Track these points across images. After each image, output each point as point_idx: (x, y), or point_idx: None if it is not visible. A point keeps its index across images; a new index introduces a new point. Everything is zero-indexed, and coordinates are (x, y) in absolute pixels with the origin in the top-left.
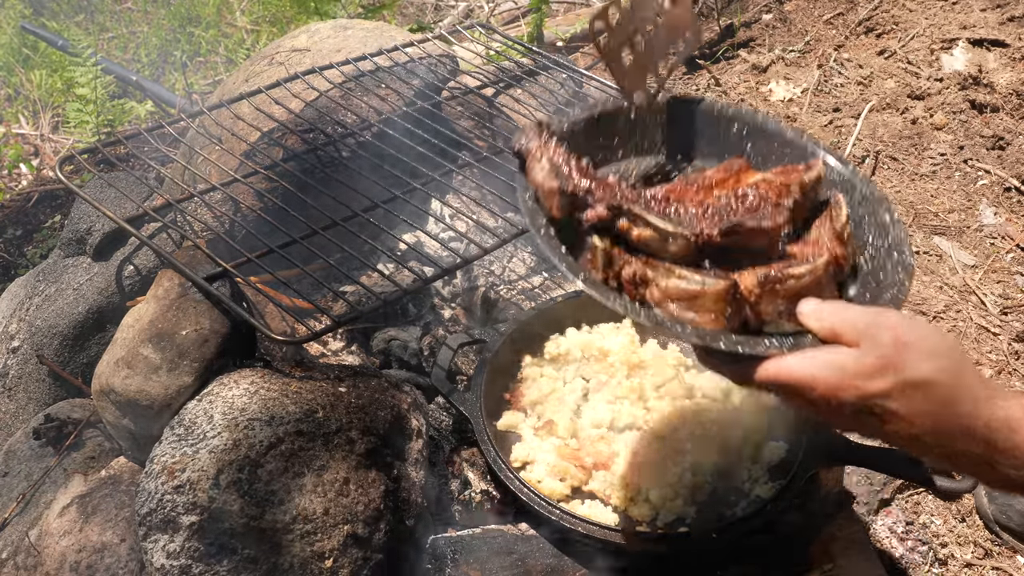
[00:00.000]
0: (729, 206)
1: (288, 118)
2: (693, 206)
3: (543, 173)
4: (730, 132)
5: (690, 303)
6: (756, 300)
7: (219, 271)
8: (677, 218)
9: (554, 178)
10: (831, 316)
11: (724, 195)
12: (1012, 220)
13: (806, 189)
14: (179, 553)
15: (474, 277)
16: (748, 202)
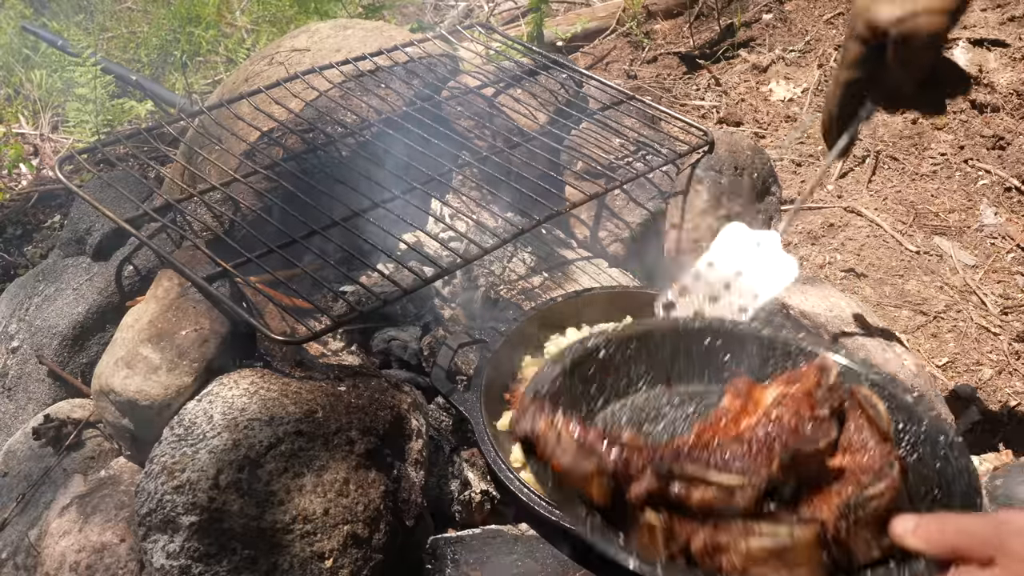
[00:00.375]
0: (772, 435)
1: (288, 118)
2: (734, 445)
3: (569, 455)
4: (703, 346)
5: (780, 560)
6: (843, 536)
7: (219, 271)
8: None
9: (586, 458)
10: (943, 536)
11: (757, 426)
12: (1012, 220)
13: (835, 393)
14: (179, 553)
15: (474, 277)
16: (786, 424)
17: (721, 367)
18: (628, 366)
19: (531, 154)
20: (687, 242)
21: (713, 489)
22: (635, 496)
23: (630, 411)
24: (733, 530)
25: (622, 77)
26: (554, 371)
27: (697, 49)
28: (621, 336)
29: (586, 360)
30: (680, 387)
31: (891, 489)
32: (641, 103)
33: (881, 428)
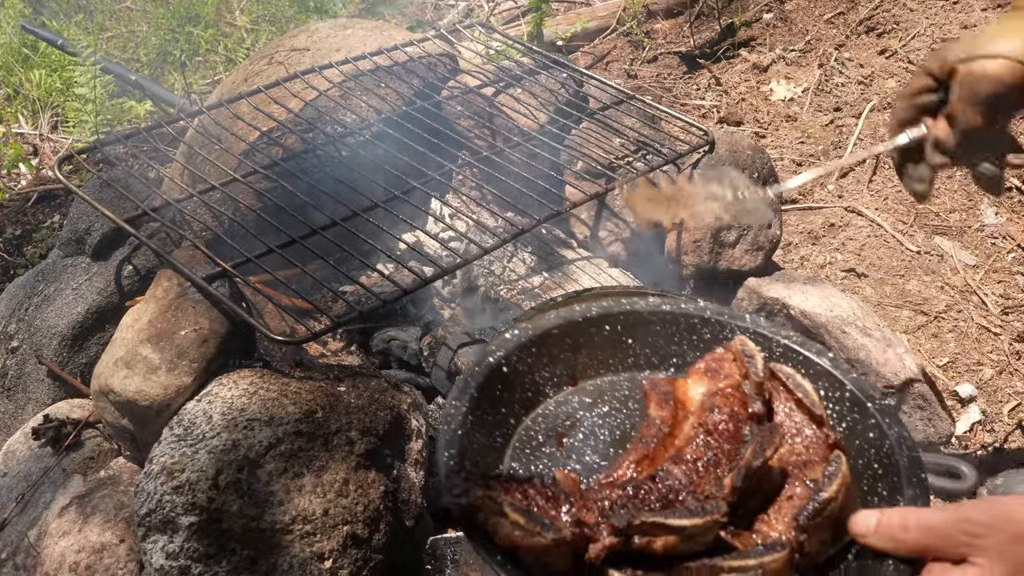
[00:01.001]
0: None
1: (288, 118)
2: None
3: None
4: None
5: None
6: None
7: (218, 271)
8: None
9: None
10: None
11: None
12: (1013, 220)
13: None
14: (178, 554)
15: (474, 277)
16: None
17: (625, 352)
18: (532, 374)
19: (531, 154)
20: (687, 242)
21: (675, 536)
22: (596, 558)
23: (545, 423)
24: (701, 571)
25: (622, 77)
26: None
27: (697, 49)
28: (519, 343)
29: (491, 382)
30: (587, 383)
31: (843, 487)
32: (641, 103)
33: (814, 412)
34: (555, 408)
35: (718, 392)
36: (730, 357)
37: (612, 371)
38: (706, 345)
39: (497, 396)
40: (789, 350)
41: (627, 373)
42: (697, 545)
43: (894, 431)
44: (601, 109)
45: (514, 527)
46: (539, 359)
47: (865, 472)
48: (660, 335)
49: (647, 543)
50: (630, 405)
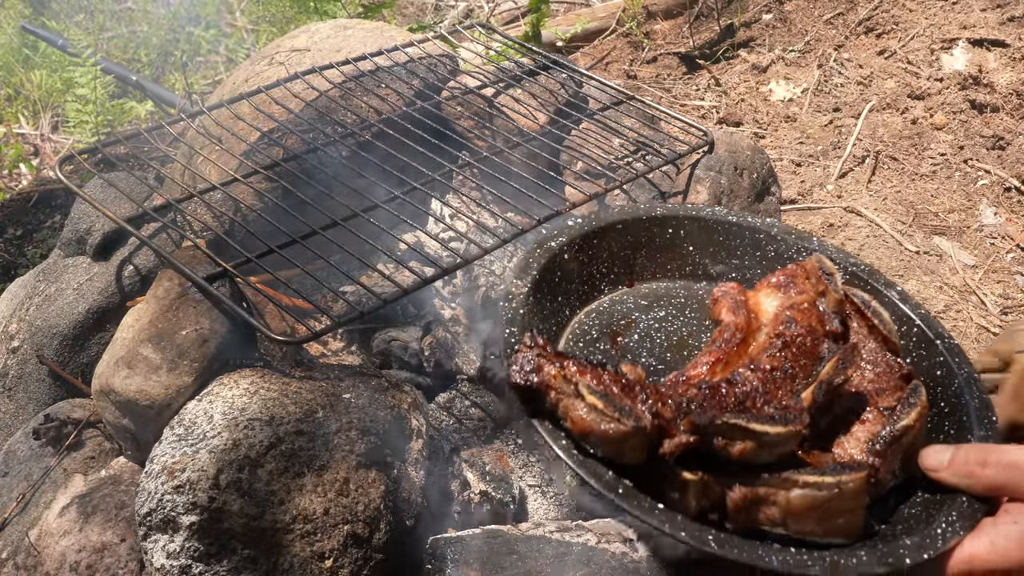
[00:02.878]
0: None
1: (288, 118)
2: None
3: (595, 414)
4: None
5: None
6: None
7: (219, 271)
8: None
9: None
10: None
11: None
12: (1012, 220)
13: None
14: (179, 553)
15: (474, 277)
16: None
17: (685, 259)
18: (591, 267)
19: (531, 154)
20: None
21: (754, 441)
22: (670, 453)
23: (599, 320)
24: (772, 482)
25: (622, 77)
26: (524, 286)
27: (697, 49)
28: (583, 232)
29: (552, 266)
30: (643, 286)
31: (922, 417)
32: (641, 103)
33: (890, 340)
34: (610, 306)
35: (793, 306)
36: (803, 274)
37: (669, 277)
38: (768, 263)
39: (556, 284)
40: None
41: (684, 281)
42: (771, 456)
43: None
44: (600, 110)
45: (591, 410)
46: (599, 252)
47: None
48: (722, 246)
49: (724, 445)
50: (687, 313)
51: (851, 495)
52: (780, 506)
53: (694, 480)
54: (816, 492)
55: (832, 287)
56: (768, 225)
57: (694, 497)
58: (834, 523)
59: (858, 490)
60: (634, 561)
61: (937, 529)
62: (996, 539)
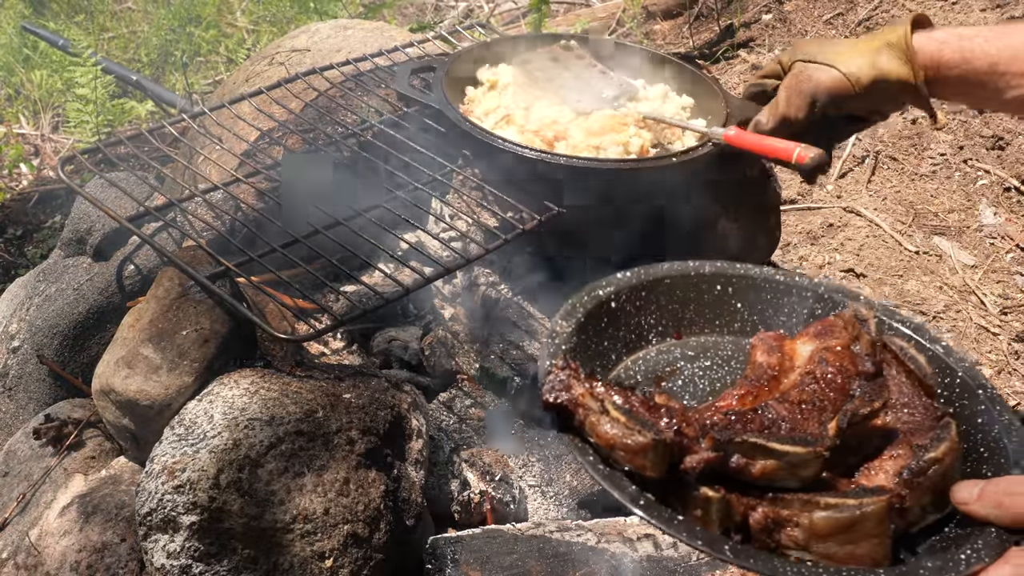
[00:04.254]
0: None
1: (289, 118)
2: (783, 409)
3: (617, 427)
4: (714, 294)
5: (846, 535)
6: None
7: (221, 270)
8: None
9: (639, 431)
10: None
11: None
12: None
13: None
14: (179, 553)
15: (474, 277)
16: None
17: (733, 316)
18: (638, 317)
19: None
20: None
21: (774, 460)
22: (691, 468)
23: (644, 366)
24: (795, 504)
25: None
26: (569, 326)
27: (696, 49)
28: (631, 284)
29: (598, 312)
30: (691, 339)
31: (952, 452)
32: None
33: (925, 383)
34: (656, 355)
35: (827, 348)
36: (841, 324)
37: (717, 332)
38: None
39: (602, 328)
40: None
41: (732, 337)
42: (794, 479)
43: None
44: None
45: (613, 424)
46: (647, 304)
47: (970, 455)
48: (770, 304)
49: (744, 464)
50: (732, 364)
51: (873, 518)
52: (804, 528)
53: (716, 497)
54: (838, 514)
55: (866, 330)
56: (815, 284)
57: (716, 516)
58: (859, 548)
59: (880, 514)
60: (634, 561)
61: (961, 555)
62: (1020, 567)
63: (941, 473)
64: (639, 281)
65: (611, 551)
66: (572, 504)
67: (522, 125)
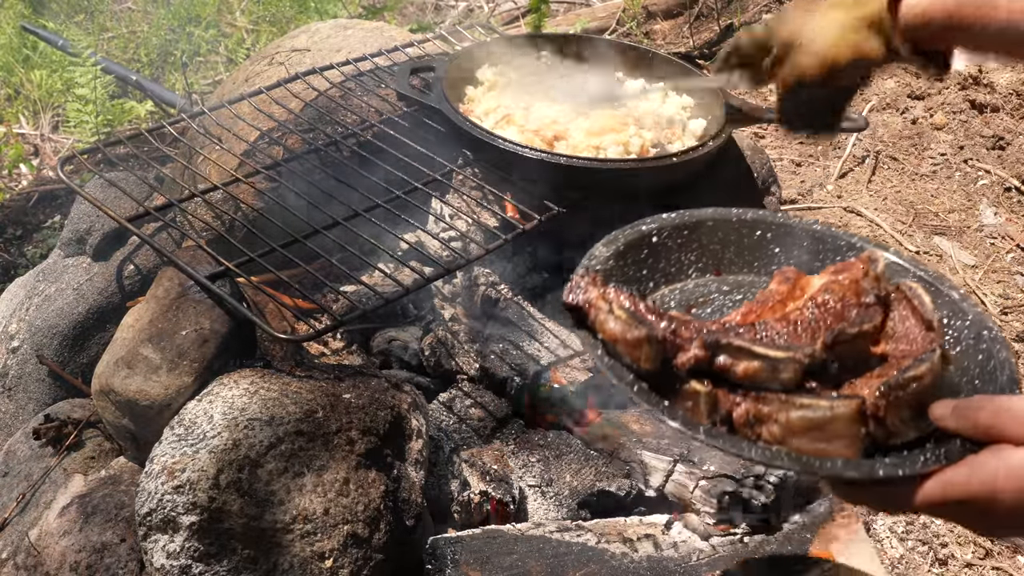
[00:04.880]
0: (816, 318)
1: (288, 118)
2: (780, 325)
3: (619, 324)
4: (753, 238)
5: (819, 432)
6: (882, 414)
7: (221, 270)
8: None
9: (636, 326)
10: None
11: (803, 308)
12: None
13: (881, 281)
14: (179, 553)
15: (474, 276)
16: (831, 309)
17: (771, 259)
18: (679, 253)
19: None
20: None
21: (757, 362)
22: (682, 364)
23: (680, 295)
24: (774, 402)
25: None
26: (607, 251)
27: (697, 49)
28: (674, 224)
29: (639, 244)
30: (729, 276)
31: (931, 372)
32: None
33: (925, 318)
34: (693, 287)
35: (836, 281)
36: (858, 264)
37: (756, 273)
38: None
39: (642, 259)
40: (923, 281)
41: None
42: (776, 382)
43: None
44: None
45: (617, 321)
46: (689, 242)
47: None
48: (807, 250)
49: (730, 364)
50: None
51: (843, 420)
52: (781, 424)
53: (703, 391)
54: (812, 413)
55: (872, 267)
56: (850, 235)
57: (705, 408)
58: (830, 447)
59: (851, 416)
60: (634, 561)
61: (921, 457)
62: (974, 468)
63: (919, 391)
64: (682, 221)
65: (611, 551)
66: (572, 504)
67: (522, 125)
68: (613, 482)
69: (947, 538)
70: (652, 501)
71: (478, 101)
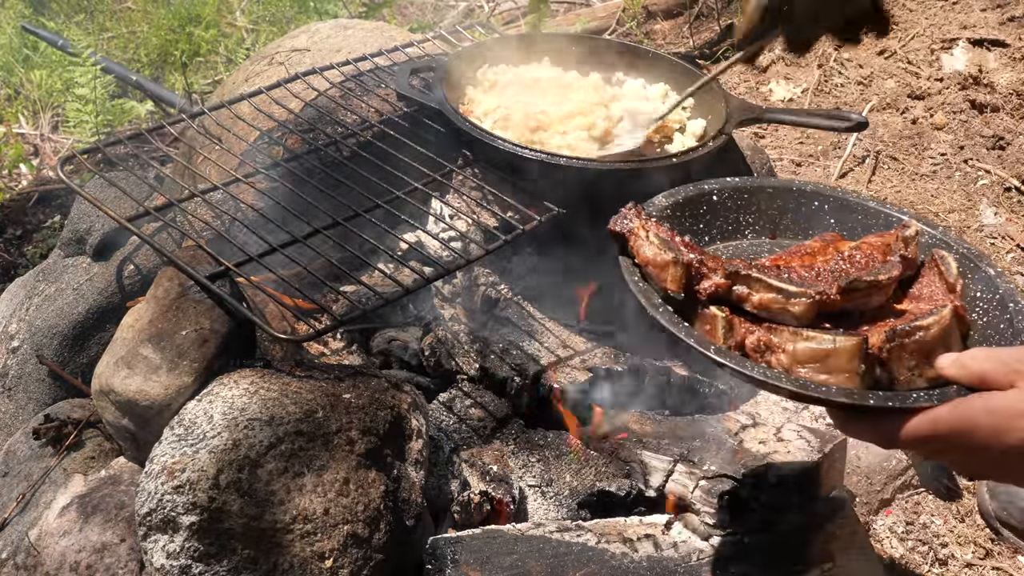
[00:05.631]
0: (839, 268)
1: (288, 118)
2: (804, 271)
3: (653, 249)
4: (811, 208)
5: (822, 364)
6: (886, 357)
7: (221, 270)
8: (793, 281)
9: (667, 251)
10: (975, 362)
11: (830, 259)
12: (1012, 220)
13: (909, 244)
14: (179, 553)
15: (474, 277)
16: (856, 262)
17: (826, 229)
18: (738, 213)
19: None
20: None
21: (772, 294)
22: (703, 290)
23: (733, 251)
24: (785, 333)
25: None
26: (667, 201)
27: (696, 49)
28: (736, 186)
29: (699, 199)
30: (784, 241)
31: (938, 325)
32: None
33: (948, 281)
34: (747, 246)
35: (868, 243)
36: (896, 231)
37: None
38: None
39: (701, 214)
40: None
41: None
42: (789, 316)
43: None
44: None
45: (650, 247)
46: (748, 205)
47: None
48: (860, 223)
49: (747, 294)
50: None
51: (845, 354)
52: (788, 354)
53: (720, 316)
54: (816, 345)
55: (904, 232)
56: (900, 211)
57: (721, 331)
58: (832, 378)
59: (852, 351)
60: (634, 561)
61: (913, 395)
62: (958, 406)
63: (925, 341)
64: (743, 185)
65: (611, 551)
66: (572, 504)
67: (514, 121)
68: (613, 482)
69: (947, 538)
70: (652, 501)
71: (478, 101)
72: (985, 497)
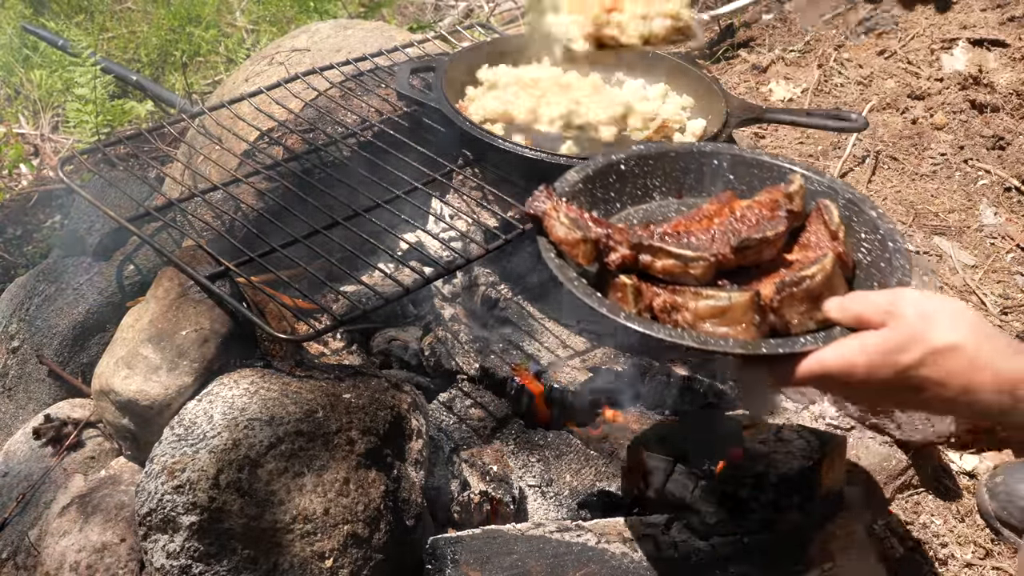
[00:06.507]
0: (732, 228)
1: (288, 118)
2: (701, 234)
3: (564, 228)
4: (712, 166)
5: (721, 319)
6: (778, 306)
7: (221, 270)
8: (691, 246)
9: (576, 230)
10: (853, 304)
11: (725, 220)
12: (1012, 220)
13: (793, 198)
14: (179, 553)
15: (474, 277)
16: (748, 221)
17: (726, 185)
18: (645, 179)
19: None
20: None
21: (672, 260)
22: (612, 262)
23: (643, 214)
24: (687, 293)
25: None
26: (577, 176)
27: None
28: (640, 153)
29: (608, 170)
30: (688, 199)
31: (822, 272)
32: None
33: (831, 228)
34: (655, 208)
35: (758, 200)
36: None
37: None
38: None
39: (610, 183)
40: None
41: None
42: (690, 278)
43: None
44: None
45: (562, 226)
46: (654, 170)
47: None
48: (756, 177)
49: (651, 261)
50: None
51: (740, 308)
52: (691, 311)
53: (629, 284)
54: (714, 302)
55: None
56: (792, 162)
57: (631, 297)
58: (732, 331)
59: (745, 305)
60: (634, 561)
61: (801, 339)
62: (839, 347)
63: (811, 288)
64: (648, 152)
65: (611, 551)
66: (572, 504)
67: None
68: (613, 482)
69: (947, 538)
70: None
71: (478, 101)
72: (985, 497)
